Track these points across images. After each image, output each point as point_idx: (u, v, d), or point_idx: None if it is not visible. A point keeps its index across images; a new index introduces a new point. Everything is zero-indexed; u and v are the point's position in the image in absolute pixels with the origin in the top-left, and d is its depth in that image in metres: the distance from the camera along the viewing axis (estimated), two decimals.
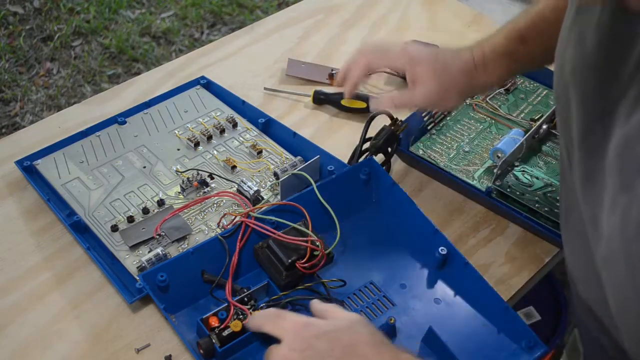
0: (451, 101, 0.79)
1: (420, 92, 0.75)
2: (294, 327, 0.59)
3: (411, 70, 0.76)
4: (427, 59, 0.76)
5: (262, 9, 2.44)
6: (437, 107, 0.81)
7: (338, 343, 0.57)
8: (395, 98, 0.77)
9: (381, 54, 0.79)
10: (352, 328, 0.59)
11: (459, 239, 0.81)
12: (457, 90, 0.76)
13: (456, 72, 0.75)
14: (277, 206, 0.76)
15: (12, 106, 2.03)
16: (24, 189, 0.84)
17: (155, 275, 0.69)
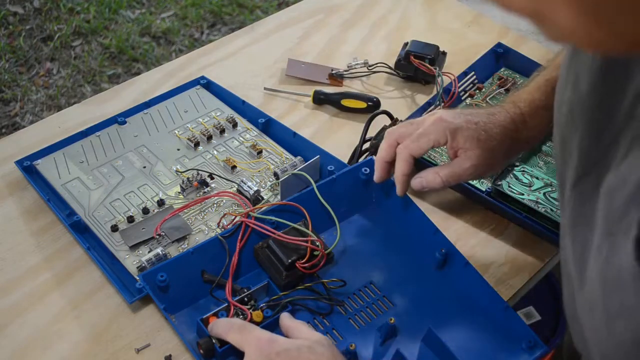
0: (498, 166, 0.75)
1: (468, 165, 0.71)
2: (258, 342, 0.61)
3: (452, 142, 0.71)
4: (467, 127, 0.71)
5: (262, 9, 2.44)
6: (486, 174, 0.74)
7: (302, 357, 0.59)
8: (442, 174, 0.72)
9: (417, 136, 0.71)
10: (313, 348, 0.60)
11: (459, 239, 0.81)
12: (503, 153, 0.73)
13: (499, 136, 0.72)
14: (277, 206, 0.76)
15: (12, 106, 2.03)
16: (24, 189, 0.84)
17: (155, 275, 0.69)
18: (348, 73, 1.03)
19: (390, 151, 0.73)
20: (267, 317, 0.68)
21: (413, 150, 0.71)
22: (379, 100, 0.97)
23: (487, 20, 1.16)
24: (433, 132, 0.71)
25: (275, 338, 0.62)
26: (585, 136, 0.49)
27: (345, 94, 0.98)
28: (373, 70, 1.04)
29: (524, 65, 1.01)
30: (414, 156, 0.71)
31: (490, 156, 0.71)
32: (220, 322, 0.65)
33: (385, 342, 0.69)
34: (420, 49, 1.00)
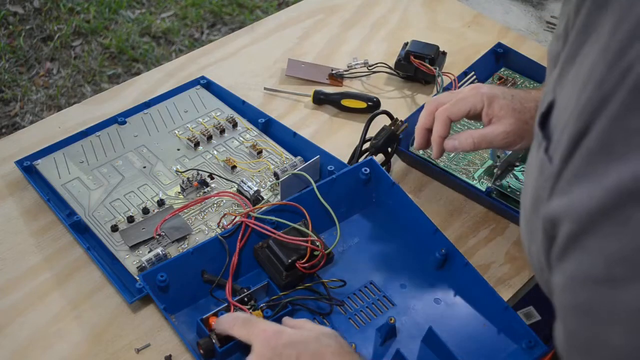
0: (528, 137, 0.74)
1: (501, 130, 0.73)
2: (264, 334, 0.60)
3: (488, 108, 0.73)
4: (503, 96, 0.74)
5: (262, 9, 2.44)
6: (516, 145, 0.75)
7: (305, 352, 0.58)
8: (475, 136, 0.73)
9: (456, 101, 0.74)
10: (320, 339, 0.60)
11: (459, 239, 0.81)
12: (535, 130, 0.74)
13: (534, 110, 0.73)
14: (277, 206, 0.76)
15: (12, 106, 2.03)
16: (24, 189, 0.84)
17: (155, 275, 0.69)
18: (348, 73, 1.03)
19: (430, 118, 0.75)
20: (267, 317, 0.68)
21: (452, 113, 0.74)
22: (379, 100, 0.97)
23: (487, 20, 1.16)
24: (471, 97, 0.74)
25: (281, 329, 0.61)
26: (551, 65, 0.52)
27: (345, 94, 0.98)
28: (373, 70, 1.04)
29: (524, 65, 1.01)
30: (451, 119, 0.74)
31: (523, 127, 0.73)
32: (224, 318, 0.65)
33: (385, 342, 0.69)
34: (420, 49, 1.00)
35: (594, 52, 0.38)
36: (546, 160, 0.42)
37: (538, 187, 0.43)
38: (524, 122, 0.73)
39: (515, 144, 0.74)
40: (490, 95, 0.74)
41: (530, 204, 0.45)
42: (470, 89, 0.75)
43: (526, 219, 0.47)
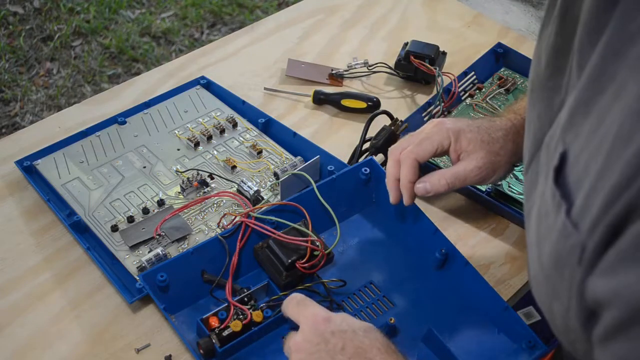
0: (500, 169, 0.71)
1: (473, 166, 0.69)
2: (314, 318, 0.60)
3: (455, 144, 0.70)
4: (469, 129, 0.70)
5: (262, 9, 2.44)
6: (489, 179, 0.71)
7: (351, 343, 0.58)
8: (447, 177, 0.70)
9: (420, 141, 0.70)
10: (368, 333, 0.59)
11: (459, 239, 0.81)
12: (507, 157, 0.71)
13: (502, 139, 0.70)
14: (277, 206, 0.76)
15: (12, 106, 2.03)
16: (24, 189, 0.84)
17: (155, 275, 0.69)
18: (348, 73, 1.03)
19: (397, 166, 0.71)
20: (267, 317, 0.68)
21: (418, 155, 0.70)
22: (379, 100, 0.97)
23: (487, 20, 1.16)
24: (436, 134, 0.70)
25: (331, 317, 0.60)
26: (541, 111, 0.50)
27: (345, 94, 0.98)
28: (373, 70, 1.04)
29: (523, 65, 1.01)
30: (418, 161, 0.70)
31: (494, 159, 0.70)
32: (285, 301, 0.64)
33: None
34: (420, 49, 1.00)
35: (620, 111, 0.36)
36: (569, 225, 0.39)
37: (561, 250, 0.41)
38: (495, 153, 0.70)
39: (489, 178, 0.71)
40: (455, 130, 0.70)
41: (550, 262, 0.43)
42: (434, 126, 0.71)
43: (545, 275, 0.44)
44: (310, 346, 0.58)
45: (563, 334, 0.45)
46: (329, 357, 0.57)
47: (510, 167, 0.73)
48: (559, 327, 0.45)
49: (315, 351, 0.58)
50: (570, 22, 0.46)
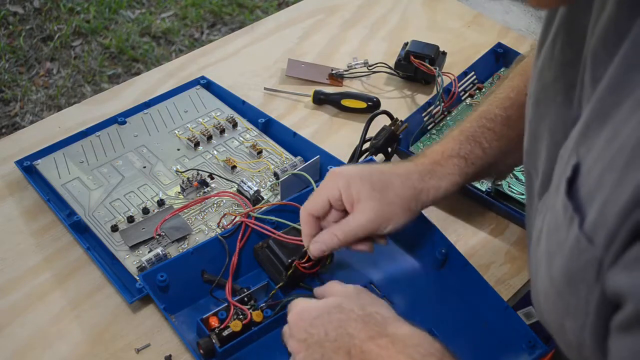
0: (396, 218, 0.66)
1: (363, 218, 0.65)
2: (293, 317, 0.61)
3: (346, 193, 0.65)
4: (360, 176, 0.66)
5: (262, 9, 2.44)
6: (384, 229, 0.67)
7: (330, 325, 0.58)
8: (338, 234, 0.66)
9: (312, 195, 0.68)
10: (341, 306, 0.60)
11: (459, 239, 0.81)
12: (402, 204, 0.66)
13: (398, 185, 0.66)
14: (277, 206, 0.76)
15: (12, 106, 2.03)
16: (24, 189, 0.84)
17: (155, 275, 0.69)
18: (348, 73, 1.03)
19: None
20: (267, 317, 0.68)
21: (310, 209, 0.67)
22: (379, 100, 0.97)
23: (487, 20, 1.16)
24: (325, 187, 0.67)
25: (305, 308, 0.61)
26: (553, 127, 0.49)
27: (345, 94, 0.98)
28: (373, 70, 1.04)
29: None
30: (314, 215, 0.67)
31: (387, 208, 0.66)
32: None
33: None
34: (420, 49, 1.00)
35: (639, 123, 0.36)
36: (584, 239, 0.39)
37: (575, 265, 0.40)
38: (387, 203, 0.65)
39: (384, 228, 0.66)
40: (345, 180, 0.65)
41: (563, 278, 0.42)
42: (328, 176, 0.68)
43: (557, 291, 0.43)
44: (302, 344, 0.59)
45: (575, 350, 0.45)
46: (319, 347, 0.58)
47: (410, 214, 0.68)
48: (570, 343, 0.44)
49: (307, 347, 0.59)
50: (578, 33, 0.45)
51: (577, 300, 0.41)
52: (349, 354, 0.56)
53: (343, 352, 0.57)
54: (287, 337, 0.62)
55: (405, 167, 0.68)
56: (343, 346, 0.57)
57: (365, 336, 0.57)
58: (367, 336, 0.57)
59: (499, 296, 0.71)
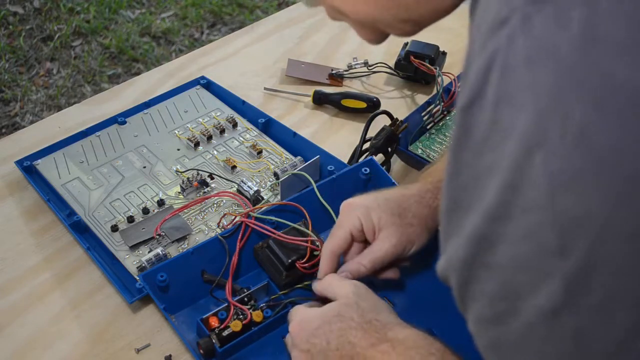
0: (418, 238, 0.68)
1: (387, 245, 0.66)
2: (294, 328, 0.62)
3: (367, 222, 0.67)
4: (377, 204, 0.67)
5: (262, 9, 2.44)
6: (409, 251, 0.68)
7: (331, 335, 0.59)
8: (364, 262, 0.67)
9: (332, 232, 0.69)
10: (340, 315, 0.60)
11: None
12: (421, 223, 0.68)
13: (415, 206, 0.68)
14: (277, 206, 0.76)
15: (12, 106, 2.03)
16: (24, 189, 0.84)
17: (155, 275, 0.69)
18: (348, 73, 1.03)
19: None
20: (267, 317, 0.68)
21: (333, 246, 0.68)
22: (379, 100, 0.97)
23: None
24: (344, 220, 0.68)
25: (305, 318, 0.61)
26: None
27: (345, 94, 0.98)
28: (373, 70, 1.04)
29: None
30: (335, 252, 0.68)
31: (409, 230, 0.67)
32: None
33: None
34: (420, 49, 1.00)
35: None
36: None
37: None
38: (407, 225, 0.67)
39: (408, 250, 0.68)
40: (364, 209, 0.67)
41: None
42: (343, 210, 0.69)
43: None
44: (305, 355, 0.59)
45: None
46: (323, 356, 0.58)
47: (429, 233, 0.69)
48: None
49: (311, 357, 0.59)
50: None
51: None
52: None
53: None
54: (291, 347, 0.62)
55: (417, 188, 0.69)
56: (346, 355, 0.57)
57: (367, 344, 0.57)
58: (368, 344, 0.57)
59: None
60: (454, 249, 0.40)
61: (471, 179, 0.38)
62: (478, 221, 0.37)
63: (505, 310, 0.38)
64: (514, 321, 0.38)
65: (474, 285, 0.40)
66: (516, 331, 0.38)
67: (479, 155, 0.37)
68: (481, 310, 0.41)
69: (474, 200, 0.37)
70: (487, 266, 0.38)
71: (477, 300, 0.40)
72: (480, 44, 0.36)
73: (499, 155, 0.35)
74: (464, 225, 0.39)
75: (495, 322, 0.40)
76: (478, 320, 0.42)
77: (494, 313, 0.39)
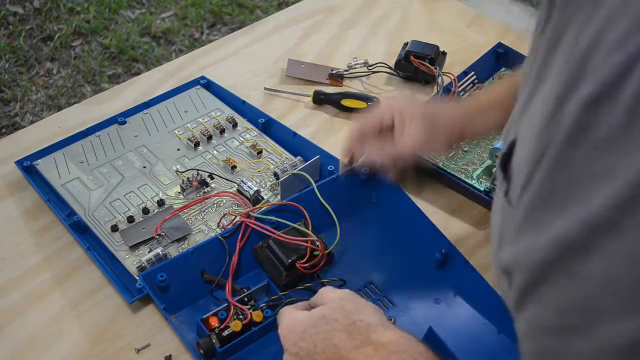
0: (439, 144, 0.75)
1: (409, 136, 0.72)
2: (282, 332, 0.61)
3: (400, 117, 0.73)
4: (415, 105, 0.75)
5: (262, 9, 2.44)
6: (426, 150, 0.77)
7: (317, 337, 0.58)
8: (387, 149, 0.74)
9: (367, 116, 0.76)
10: (325, 317, 0.59)
11: (459, 239, 0.81)
12: (446, 133, 0.74)
13: (446, 116, 0.74)
14: (277, 206, 0.76)
15: (12, 106, 2.03)
16: (24, 189, 0.84)
17: (155, 275, 0.69)
18: (348, 73, 1.03)
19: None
20: (267, 317, 0.68)
21: (362, 126, 0.76)
22: (379, 100, 0.97)
23: (487, 20, 1.16)
24: (379, 111, 0.76)
25: (293, 321, 0.61)
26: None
27: (345, 94, 0.98)
28: (373, 70, 1.04)
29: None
30: (363, 132, 0.76)
31: (434, 132, 0.74)
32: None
33: None
34: (420, 49, 1.00)
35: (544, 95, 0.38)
36: (506, 204, 0.41)
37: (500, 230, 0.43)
38: (435, 126, 0.74)
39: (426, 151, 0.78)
40: (400, 106, 0.74)
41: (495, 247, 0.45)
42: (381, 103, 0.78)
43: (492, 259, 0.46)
44: (295, 358, 0.59)
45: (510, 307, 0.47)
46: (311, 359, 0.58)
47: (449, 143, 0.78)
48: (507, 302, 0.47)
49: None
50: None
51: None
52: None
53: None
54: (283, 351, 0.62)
55: (455, 105, 0.79)
56: (332, 357, 0.57)
57: (350, 346, 0.57)
58: (352, 346, 0.57)
59: (499, 296, 0.71)
60: (529, 246, 0.37)
61: (577, 179, 0.34)
62: (574, 227, 0.34)
63: (576, 325, 0.35)
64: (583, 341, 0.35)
65: (545, 289, 0.37)
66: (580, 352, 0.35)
67: (596, 157, 0.33)
68: (543, 316, 0.38)
69: (573, 201, 0.34)
70: (571, 274, 0.35)
71: (541, 304, 0.37)
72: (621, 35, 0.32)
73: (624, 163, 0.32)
74: (552, 224, 0.35)
75: (556, 334, 0.37)
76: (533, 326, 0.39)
77: (560, 324, 0.36)
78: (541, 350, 0.38)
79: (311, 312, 0.61)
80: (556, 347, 0.37)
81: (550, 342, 0.37)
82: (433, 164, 0.85)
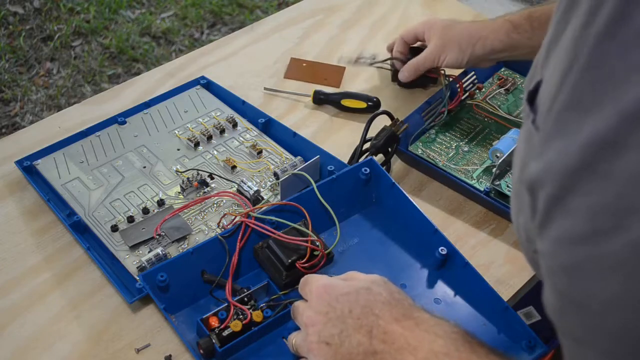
0: (451, 53, 0.90)
1: (427, 48, 0.91)
2: (317, 290, 0.61)
3: (428, 32, 0.92)
4: (441, 22, 0.91)
5: (262, 9, 2.44)
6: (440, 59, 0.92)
7: (356, 304, 0.59)
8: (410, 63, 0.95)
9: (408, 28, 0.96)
10: (370, 289, 0.60)
11: (459, 239, 0.81)
12: (460, 42, 0.89)
13: (461, 28, 0.89)
14: (277, 206, 0.76)
15: (12, 106, 2.03)
16: (24, 189, 0.84)
17: (155, 275, 0.69)
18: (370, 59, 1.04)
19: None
20: (267, 317, 0.68)
21: (404, 34, 0.97)
22: (379, 100, 0.97)
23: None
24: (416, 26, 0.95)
25: (332, 283, 0.61)
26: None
27: (345, 94, 0.98)
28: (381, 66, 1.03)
29: (523, 65, 1.01)
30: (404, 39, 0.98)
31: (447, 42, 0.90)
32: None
33: None
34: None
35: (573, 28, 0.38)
36: (533, 129, 0.41)
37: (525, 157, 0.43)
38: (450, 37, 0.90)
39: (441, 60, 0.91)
40: (431, 24, 0.92)
41: (517, 174, 0.46)
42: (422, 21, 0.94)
43: (515, 191, 0.47)
44: (321, 317, 0.59)
45: (526, 246, 0.47)
46: (340, 322, 0.58)
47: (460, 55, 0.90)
48: (522, 240, 0.48)
49: (327, 320, 0.59)
50: None
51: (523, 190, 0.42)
52: (370, 333, 0.56)
53: (365, 330, 0.57)
54: (302, 310, 0.61)
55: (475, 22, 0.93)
56: (366, 325, 0.57)
57: (391, 318, 0.57)
58: (392, 318, 0.57)
59: (498, 296, 0.71)
60: (558, 154, 0.37)
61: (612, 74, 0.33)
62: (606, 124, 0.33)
63: (610, 226, 0.34)
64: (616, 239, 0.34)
65: (576, 198, 0.36)
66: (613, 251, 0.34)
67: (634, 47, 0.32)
68: (573, 226, 0.37)
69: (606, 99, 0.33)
70: (604, 175, 0.34)
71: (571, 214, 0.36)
72: None
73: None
74: (581, 128, 0.34)
75: (588, 240, 0.36)
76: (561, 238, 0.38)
77: (593, 229, 0.35)
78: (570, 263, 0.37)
79: (354, 282, 0.62)
80: (587, 255, 0.36)
81: (580, 251, 0.36)
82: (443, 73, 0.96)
